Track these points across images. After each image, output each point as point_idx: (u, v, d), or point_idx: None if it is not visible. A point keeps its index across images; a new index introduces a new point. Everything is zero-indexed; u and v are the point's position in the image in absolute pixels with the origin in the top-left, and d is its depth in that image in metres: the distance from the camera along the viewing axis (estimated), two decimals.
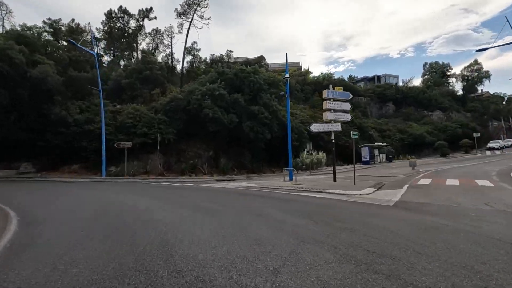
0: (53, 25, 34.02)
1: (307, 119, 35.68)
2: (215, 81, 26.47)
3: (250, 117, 25.99)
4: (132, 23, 38.84)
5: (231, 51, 47.18)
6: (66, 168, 23.64)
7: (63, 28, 35.22)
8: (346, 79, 65.59)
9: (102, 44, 40.61)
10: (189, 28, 40.02)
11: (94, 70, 28.33)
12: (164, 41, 40.57)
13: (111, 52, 39.98)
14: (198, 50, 42.88)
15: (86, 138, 22.84)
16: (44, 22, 33.85)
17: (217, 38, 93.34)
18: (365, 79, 76.20)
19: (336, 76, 64.35)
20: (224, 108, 25.25)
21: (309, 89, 50.63)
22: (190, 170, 23.70)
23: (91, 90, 26.62)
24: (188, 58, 42.25)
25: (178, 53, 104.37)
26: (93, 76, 28.30)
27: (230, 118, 24.78)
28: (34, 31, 29.70)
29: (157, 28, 40.91)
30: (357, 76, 79.11)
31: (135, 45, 38.84)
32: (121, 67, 33.69)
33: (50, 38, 30.95)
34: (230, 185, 15.69)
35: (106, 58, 41.40)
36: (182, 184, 16.80)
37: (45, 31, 32.83)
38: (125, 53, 37.65)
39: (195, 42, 42.54)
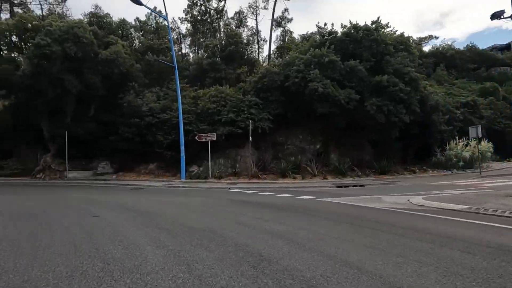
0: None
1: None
2: (319, 46, 19.24)
3: (375, 91, 17.93)
4: (213, 3, 34.82)
5: (322, 27, 39.31)
6: (142, 168, 19.80)
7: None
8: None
9: (185, 34, 37.88)
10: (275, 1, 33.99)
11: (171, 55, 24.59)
12: (248, 18, 35.47)
13: (195, 38, 36.72)
14: (290, 20, 36.10)
15: (162, 130, 18.42)
16: None
17: (302, 18, 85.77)
18: (495, 48, 58.11)
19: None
20: (337, 82, 17.83)
21: (429, 62, 38.87)
22: (292, 170, 17.04)
23: (170, 76, 22.63)
24: (278, 32, 36.30)
25: (264, 32, 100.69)
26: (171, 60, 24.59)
27: (346, 94, 17.21)
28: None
29: (240, 8, 36.14)
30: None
31: (217, 25, 34.66)
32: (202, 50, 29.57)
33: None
34: (389, 203, 8.23)
35: (188, 51, 38.76)
36: (294, 198, 10.00)
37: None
38: (206, 40, 33.69)
39: (286, 10, 35.84)
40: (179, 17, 40.56)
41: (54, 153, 20.62)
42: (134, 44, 28.69)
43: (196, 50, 38.26)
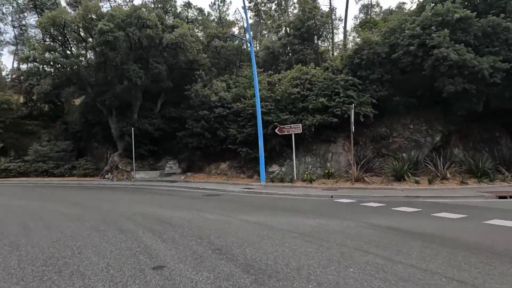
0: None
1: None
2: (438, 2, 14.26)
3: None
4: None
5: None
6: (213, 167, 17.21)
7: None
8: None
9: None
10: None
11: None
12: None
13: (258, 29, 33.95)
14: None
15: (234, 123, 15.55)
16: None
17: None
18: None
19: None
20: (472, 47, 12.76)
21: None
22: (410, 170, 12.53)
23: (239, 63, 19.87)
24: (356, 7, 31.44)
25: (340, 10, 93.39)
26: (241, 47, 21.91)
27: (490, 62, 12.07)
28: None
29: None
30: None
31: (285, 7, 31.23)
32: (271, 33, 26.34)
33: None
34: None
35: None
36: (479, 222, 5.76)
37: None
38: (274, 23, 30.42)
39: None
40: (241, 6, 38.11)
41: (121, 152, 19.37)
42: (198, 31, 26.88)
43: (259, 42, 35.45)
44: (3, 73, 38.25)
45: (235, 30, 33.77)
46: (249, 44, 17.90)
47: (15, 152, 22.84)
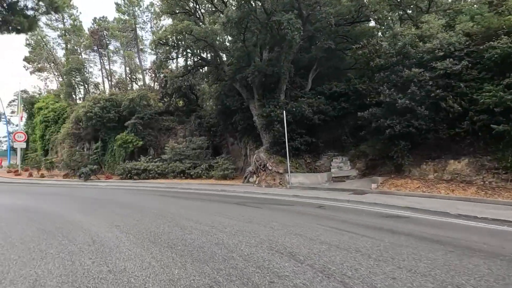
0: None
1: None
2: None
3: None
4: None
5: None
6: (429, 168, 9.80)
7: None
8: None
9: None
10: None
11: None
12: None
13: None
14: None
15: (482, 81, 7.73)
16: None
17: None
18: None
19: None
20: None
21: None
22: None
23: None
24: None
25: None
26: None
27: None
28: None
29: None
30: None
31: None
32: None
33: None
34: None
35: None
36: None
37: None
38: None
39: None
40: None
41: (267, 146, 14.26)
42: None
43: None
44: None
45: None
46: None
47: (154, 150, 21.32)
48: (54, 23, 30.40)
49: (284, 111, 12.81)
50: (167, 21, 34.77)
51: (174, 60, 26.19)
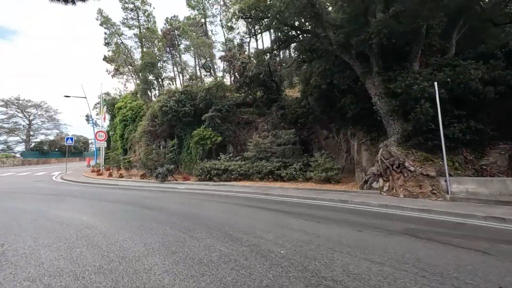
0: None
1: None
2: None
3: None
4: None
5: None
6: None
7: None
8: None
9: None
10: None
11: None
12: None
13: None
14: None
15: None
16: None
17: None
18: None
19: None
20: None
21: None
22: None
23: None
24: None
25: None
26: None
27: None
28: None
29: None
30: None
31: None
32: None
33: None
34: None
35: None
36: None
37: None
38: None
39: None
40: None
41: (398, 138, 10.02)
42: None
43: None
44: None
45: None
46: None
47: (233, 147, 18.67)
48: (130, 21, 30.41)
49: (436, 83, 8.45)
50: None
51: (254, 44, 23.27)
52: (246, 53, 21.13)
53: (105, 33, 30.43)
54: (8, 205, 9.03)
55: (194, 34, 35.84)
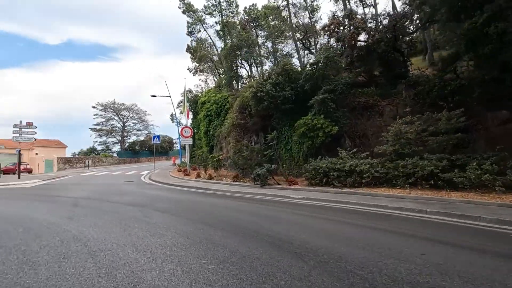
0: None
1: None
2: None
3: None
4: None
5: None
6: None
7: None
8: None
9: None
10: None
11: None
12: None
13: None
14: None
15: None
16: None
17: None
18: None
19: None
20: None
21: None
22: None
23: None
24: None
25: None
26: None
27: None
28: None
29: None
30: None
31: None
32: None
33: None
34: None
35: None
36: None
37: None
38: None
39: None
40: None
41: None
42: None
43: None
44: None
45: None
46: None
47: (350, 140, 14.11)
48: (211, 8, 28.29)
49: None
50: None
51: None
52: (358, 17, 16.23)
53: (188, 22, 29.00)
54: (69, 228, 6.28)
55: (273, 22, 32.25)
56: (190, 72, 39.87)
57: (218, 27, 29.00)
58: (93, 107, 66.15)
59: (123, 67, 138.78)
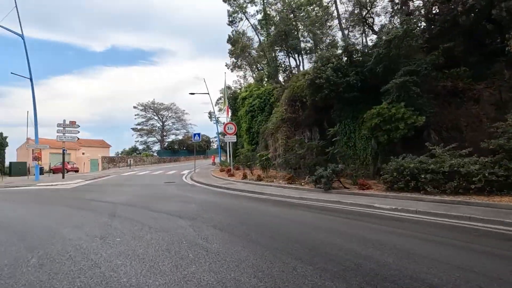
0: None
1: None
2: None
3: None
4: None
5: None
6: None
7: None
8: None
9: None
10: None
11: None
12: None
13: None
14: None
15: None
16: None
17: None
18: None
19: None
20: None
21: None
22: None
23: None
24: None
25: None
26: None
27: None
28: None
29: None
30: None
31: None
32: None
33: None
34: None
35: None
36: None
37: None
38: None
39: None
40: None
41: None
42: None
43: None
44: None
45: None
46: None
47: (436, 134, 11.37)
48: None
49: None
50: None
51: None
52: None
53: (228, 11, 27.48)
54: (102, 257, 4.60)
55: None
56: (228, 68, 38.53)
57: (259, 16, 27.13)
58: (134, 107, 68.05)
59: (161, 70, 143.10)
